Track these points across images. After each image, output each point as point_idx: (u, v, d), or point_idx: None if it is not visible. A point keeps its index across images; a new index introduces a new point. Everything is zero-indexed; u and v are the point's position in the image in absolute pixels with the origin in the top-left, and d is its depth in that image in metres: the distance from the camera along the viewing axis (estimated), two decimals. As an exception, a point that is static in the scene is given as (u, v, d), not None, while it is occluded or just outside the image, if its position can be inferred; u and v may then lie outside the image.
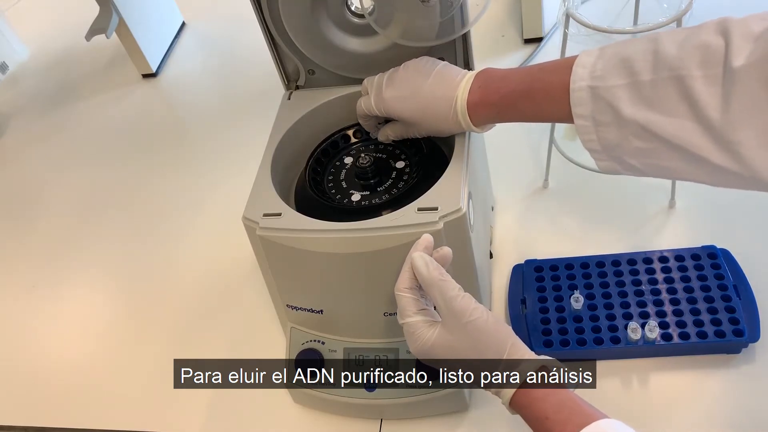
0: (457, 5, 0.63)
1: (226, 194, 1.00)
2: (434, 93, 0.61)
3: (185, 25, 1.42)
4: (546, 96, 0.55)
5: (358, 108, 0.66)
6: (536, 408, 0.49)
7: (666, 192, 0.82)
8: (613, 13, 0.89)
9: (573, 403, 0.49)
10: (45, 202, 1.10)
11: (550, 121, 0.73)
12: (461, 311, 0.51)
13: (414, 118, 0.62)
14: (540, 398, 0.50)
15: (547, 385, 0.50)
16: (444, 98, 0.60)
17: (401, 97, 0.62)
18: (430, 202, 0.58)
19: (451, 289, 0.52)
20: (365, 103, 0.65)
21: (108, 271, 0.95)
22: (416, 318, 0.53)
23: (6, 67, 1.44)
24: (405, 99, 0.62)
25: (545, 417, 0.49)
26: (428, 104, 0.61)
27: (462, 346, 0.52)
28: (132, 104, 1.25)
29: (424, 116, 0.61)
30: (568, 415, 0.48)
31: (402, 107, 0.62)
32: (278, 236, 0.59)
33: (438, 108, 0.60)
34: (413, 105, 0.61)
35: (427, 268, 0.53)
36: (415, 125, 0.63)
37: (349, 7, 0.68)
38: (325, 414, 0.71)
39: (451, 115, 0.60)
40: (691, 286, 0.70)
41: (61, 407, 0.80)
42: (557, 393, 0.50)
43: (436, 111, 0.61)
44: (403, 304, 0.54)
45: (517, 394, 0.50)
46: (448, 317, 0.52)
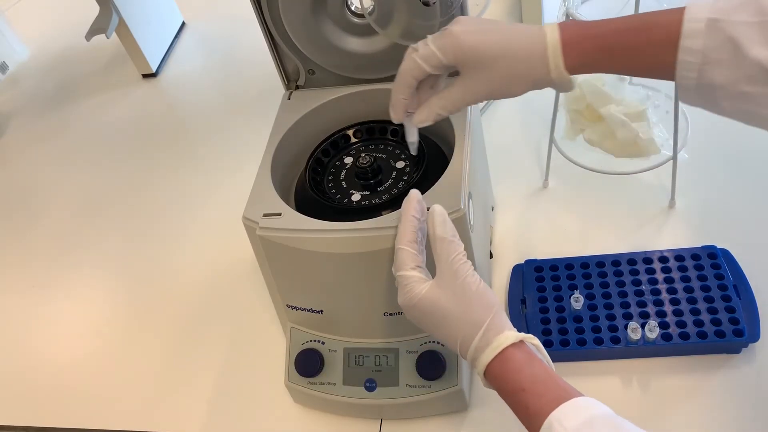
0: (457, 5, 0.63)
1: (226, 194, 1.00)
2: (517, 27, 0.53)
3: (185, 25, 1.42)
4: (654, 31, 0.48)
5: (405, 69, 0.55)
6: (512, 379, 0.49)
7: (666, 192, 0.82)
8: (612, 13, 0.89)
9: (550, 378, 0.48)
10: (45, 202, 1.10)
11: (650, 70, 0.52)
12: (459, 271, 0.51)
13: (492, 53, 0.52)
14: (516, 369, 0.49)
15: (524, 359, 0.50)
16: (530, 32, 0.52)
17: (476, 30, 0.53)
18: (430, 201, 0.58)
19: (458, 250, 0.52)
20: (423, 52, 0.53)
21: (108, 271, 0.95)
22: (412, 272, 0.53)
23: (6, 67, 1.44)
24: (481, 31, 0.53)
25: (521, 389, 0.48)
26: (512, 35, 0.52)
27: (448, 304, 0.51)
28: (132, 104, 1.25)
29: (504, 52, 0.52)
30: (544, 389, 0.48)
31: (477, 39, 0.52)
32: (278, 236, 0.59)
33: (523, 40, 0.52)
34: (492, 37, 0.52)
35: (444, 226, 0.53)
36: (488, 69, 0.52)
37: (349, 7, 0.68)
38: (325, 414, 0.71)
39: (538, 52, 0.51)
40: (691, 286, 0.70)
41: (61, 407, 0.80)
42: (534, 366, 0.49)
43: (520, 44, 0.52)
44: (402, 257, 0.54)
45: (493, 364, 0.50)
46: (444, 275, 0.52)
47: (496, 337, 0.50)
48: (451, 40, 0.52)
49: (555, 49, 0.51)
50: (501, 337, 0.50)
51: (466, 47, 0.52)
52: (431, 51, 0.53)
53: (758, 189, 0.80)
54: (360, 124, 0.70)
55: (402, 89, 0.55)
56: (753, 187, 0.80)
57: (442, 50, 0.53)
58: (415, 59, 0.54)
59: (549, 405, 0.46)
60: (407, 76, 0.55)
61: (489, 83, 0.53)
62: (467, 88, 0.54)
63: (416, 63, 0.54)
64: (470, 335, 0.51)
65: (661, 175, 0.83)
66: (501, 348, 0.50)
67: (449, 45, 0.53)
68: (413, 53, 0.54)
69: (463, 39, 0.52)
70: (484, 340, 0.50)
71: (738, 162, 0.84)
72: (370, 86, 0.71)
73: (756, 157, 0.84)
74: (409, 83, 0.55)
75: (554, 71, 0.51)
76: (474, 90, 0.54)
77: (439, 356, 0.63)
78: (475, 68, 0.53)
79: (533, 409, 0.47)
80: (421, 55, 0.53)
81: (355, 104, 0.72)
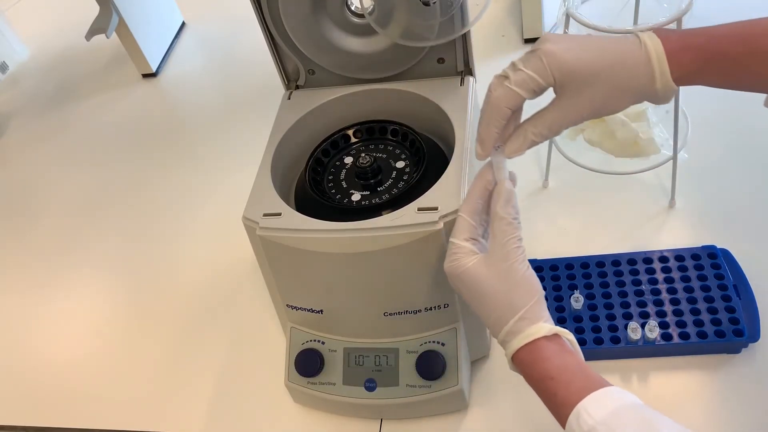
0: (457, 5, 0.63)
1: (226, 194, 1.00)
2: (610, 39, 0.50)
3: (185, 25, 1.42)
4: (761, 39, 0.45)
5: (497, 99, 0.50)
6: (541, 367, 0.49)
7: (666, 192, 0.82)
8: (613, 13, 0.89)
9: (579, 368, 0.48)
10: (45, 202, 1.10)
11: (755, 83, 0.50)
12: (510, 255, 0.51)
13: (595, 68, 0.48)
14: (545, 358, 0.49)
15: (554, 349, 0.49)
16: (625, 42, 0.49)
17: (571, 46, 0.49)
18: (430, 201, 0.58)
19: (515, 234, 0.52)
20: (518, 78, 0.49)
21: (108, 271, 0.95)
22: (464, 243, 0.53)
23: (6, 67, 1.44)
24: (577, 47, 0.49)
25: (550, 377, 0.48)
26: (609, 48, 0.49)
27: (491, 283, 0.51)
28: (132, 104, 1.25)
29: (606, 65, 0.48)
30: (572, 378, 0.47)
31: (577, 56, 0.48)
32: (278, 236, 0.59)
33: (622, 52, 0.49)
34: (591, 52, 0.49)
35: (507, 205, 0.52)
36: (592, 86, 0.49)
37: (349, 7, 0.68)
38: (325, 414, 0.71)
39: (642, 62, 0.48)
40: (691, 286, 0.70)
41: (61, 407, 0.80)
42: (564, 357, 0.49)
43: (620, 56, 0.48)
44: (458, 225, 0.54)
45: (523, 351, 0.50)
46: (495, 254, 0.52)
47: (530, 327, 0.50)
48: (549, 60, 0.49)
49: (660, 57, 0.48)
50: (534, 327, 0.50)
51: (567, 65, 0.49)
52: (528, 75, 0.49)
53: (758, 189, 0.80)
54: (360, 124, 0.70)
55: (495, 122, 0.51)
56: (753, 187, 0.80)
57: (540, 72, 0.49)
58: (509, 87, 0.50)
59: (577, 394, 0.46)
60: (501, 106, 0.50)
61: (592, 100, 0.49)
62: (568, 108, 0.50)
63: (511, 91, 0.50)
64: (505, 318, 0.51)
65: (661, 175, 0.83)
66: (533, 338, 0.49)
67: (549, 65, 0.49)
68: (505, 81, 0.50)
69: (562, 57, 0.49)
70: (517, 326, 0.50)
71: (738, 162, 0.84)
72: (370, 86, 0.71)
73: (756, 157, 0.84)
74: (503, 115, 0.51)
75: (660, 81, 0.48)
76: (576, 110, 0.50)
77: (439, 356, 0.63)
78: (577, 86, 0.49)
79: (561, 397, 0.47)
80: (517, 81, 0.49)
81: (355, 104, 0.72)
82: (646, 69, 0.48)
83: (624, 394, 0.46)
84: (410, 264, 0.59)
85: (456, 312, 0.63)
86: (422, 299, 0.62)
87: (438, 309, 0.63)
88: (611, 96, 0.49)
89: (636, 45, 0.49)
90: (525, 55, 0.50)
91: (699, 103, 0.83)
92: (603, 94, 0.49)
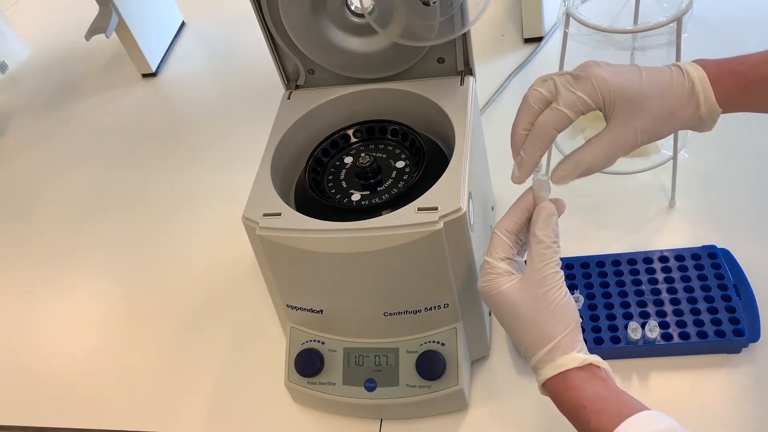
0: (457, 5, 0.62)
1: (226, 194, 1.00)
2: (649, 68, 0.50)
3: (185, 24, 1.42)
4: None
5: (546, 122, 0.50)
6: (572, 396, 0.48)
7: (666, 192, 0.82)
8: (613, 13, 0.89)
9: (612, 394, 0.47)
10: (45, 202, 1.10)
11: None
12: (546, 280, 0.50)
13: (644, 93, 0.49)
14: (576, 387, 0.48)
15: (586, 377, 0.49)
16: (666, 70, 0.50)
17: (616, 71, 0.50)
18: (430, 201, 0.58)
19: (553, 258, 0.51)
20: (567, 100, 0.49)
21: (108, 271, 0.95)
22: (499, 263, 0.52)
23: (6, 66, 1.44)
24: (622, 72, 0.50)
25: (582, 406, 0.47)
26: (652, 75, 0.50)
27: (525, 308, 0.50)
28: (132, 104, 1.25)
29: (654, 90, 0.49)
30: (604, 405, 0.47)
31: (624, 80, 0.49)
32: (278, 236, 0.59)
33: (666, 78, 0.50)
34: (636, 77, 0.49)
35: (547, 227, 0.51)
36: (642, 111, 0.49)
37: (349, 7, 0.68)
38: (325, 414, 0.71)
39: (687, 87, 0.49)
40: (692, 286, 0.70)
41: (61, 407, 0.80)
42: (596, 385, 0.48)
43: (665, 81, 0.49)
44: (495, 243, 0.53)
45: (554, 379, 0.49)
46: (531, 279, 0.51)
47: (562, 357, 0.49)
48: (599, 83, 0.49)
49: (703, 82, 0.49)
50: (566, 358, 0.49)
51: (617, 89, 0.49)
52: (578, 97, 0.49)
53: (758, 189, 0.80)
54: (360, 123, 0.70)
55: (541, 145, 0.51)
56: (753, 187, 0.80)
57: (591, 95, 0.49)
58: (558, 109, 0.50)
59: (610, 422, 0.45)
60: (549, 128, 0.50)
61: (643, 124, 0.49)
62: (622, 133, 0.50)
63: (560, 113, 0.50)
64: (537, 345, 0.50)
65: (661, 175, 0.83)
66: (564, 369, 0.49)
67: (599, 88, 0.49)
68: (558, 104, 0.50)
69: (612, 80, 0.49)
70: (548, 356, 0.50)
71: (738, 162, 0.84)
72: (370, 86, 0.71)
73: (756, 157, 0.84)
74: (551, 137, 0.51)
75: (704, 105, 0.49)
76: (627, 136, 0.50)
77: (439, 356, 0.63)
78: (627, 110, 0.49)
79: (594, 425, 0.46)
80: (566, 103, 0.49)
81: (355, 104, 0.72)
82: (691, 94, 0.49)
83: (660, 417, 0.45)
84: (410, 264, 0.59)
85: (456, 312, 0.63)
86: (422, 299, 0.62)
87: (438, 309, 0.63)
88: (661, 119, 0.50)
89: (678, 73, 0.50)
90: (570, 78, 0.50)
91: (699, 103, 0.83)
92: (654, 117, 0.49)
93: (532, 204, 0.54)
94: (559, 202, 0.54)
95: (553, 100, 0.51)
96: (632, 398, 0.48)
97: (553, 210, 0.53)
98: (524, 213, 0.54)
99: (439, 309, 0.63)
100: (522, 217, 0.54)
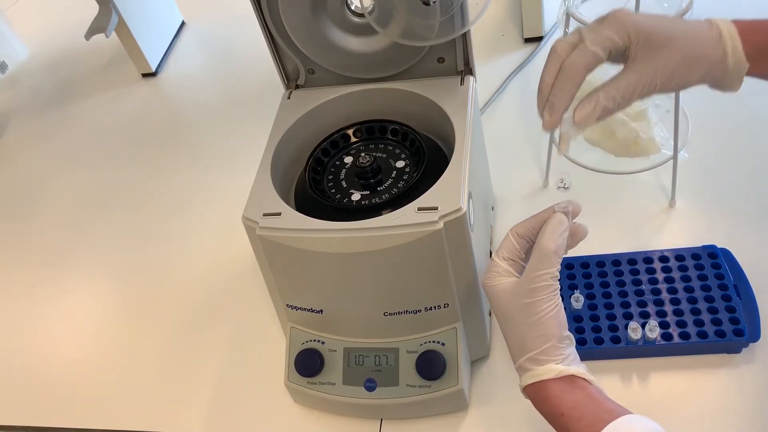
0: (457, 4, 0.62)
1: (226, 194, 1.00)
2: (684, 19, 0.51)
3: (185, 24, 1.42)
4: None
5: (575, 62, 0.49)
6: (550, 404, 0.49)
7: (666, 192, 0.82)
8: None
9: (591, 401, 0.48)
10: (45, 201, 1.10)
11: None
12: (537, 291, 0.50)
13: (669, 32, 0.48)
14: (554, 396, 0.49)
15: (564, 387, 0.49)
16: (699, 21, 0.50)
17: (646, 15, 0.50)
18: (430, 201, 0.58)
19: (549, 270, 0.50)
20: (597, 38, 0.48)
21: (108, 271, 0.95)
22: (502, 262, 0.53)
23: (5, 66, 1.44)
24: (654, 16, 0.50)
25: (560, 413, 0.48)
26: (684, 22, 0.50)
27: (512, 312, 0.51)
28: (131, 104, 1.25)
29: (681, 32, 0.48)
30: (583, 411, 0.47)
31: (651, 19, 0.49)
32: (278, 236, 0.59)
33: (693, 24, 0.49)
34: (667, 22, 0.49)
35: (552, 236, 0.51)
36: (666, 50, 0.48)
37: (349, 7, 0.68)
38: (325, 414, 0.71)
39: (714, 35, 0.49)
40: (692, 286, 0.70)
41: (61, 407, 0.80)
42: (574, 392, 0.49)
43: (693, 27, 0.49)
44: (503, 243, 0.54)
45: (532, 387, 0.50)
46: (522, 285, 0.51)
47: (539, 367, 0.50)
48: (625, 20, 0.48)
49: (732, 33, 0.48)
50: (543, 369, 0.50)
51: (644, 26, 0.48)
52: (605, 35, 0.48)
53: (758, 189, 0.80)
54: (360, 123, 0.70)
55: (570, 85, 0.49)
56: (753, 187, 0.80)
57: (618, 32, 0.48)
58: (586, 48, 0.49)
59: (590, 427, 0.46)
60: (578, 68, 0.49)
61: (665, 66, 0.48)
62: (641, 72, 0.49)
63: (589, 51, 0.49)
64: (516, 353, 0.51)
65: (661, 174, 0.83)
66: (540, 379, 0.49)
67: (626, 26, 0.48)
68: (586, 44, 0.49)
69: (637, 19, 0.48)
70: (526, 364, 0.50)
71: (738, 162, 0.84)
72: (370, 86, 0.71)
73: (756, 156, 0.84)
74: (580, 77, 0.49)
75: (732, 55, 0.48)
76: (649, 76, 0.49)
77: (439, 356, 0.63)
78: (651, 49, 0.48)
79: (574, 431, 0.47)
80: (594, 41, 0.48)
81: (355, 104, 0.72)
82: (718, 44, 0.48)
83: (642, 421, 0.45)
84: (410, 264, 0.59)
85: (456, 312, 0.63)
86: (422, 299, 0.62)
87: (438, 309, 0.63)
88: (683, 65, 0.48)
89: (707, 24, 0.49)
90: (595, 22, 0.50)
91: (699, 103, 0.83)
92: (676, 61, 0.48)
93: (547, 214, 0.54)
94: (575, 205, 0.54)
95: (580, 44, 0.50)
96: (615, 404, 0.48)
97: (563, 221, 0.53)
98: (540, 223, 0.54)
99: (439, 309, 0.63)
100: (536, 226, 0.54)
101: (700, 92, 0.56)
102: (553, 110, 0.51)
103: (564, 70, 0.50)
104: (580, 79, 0.49)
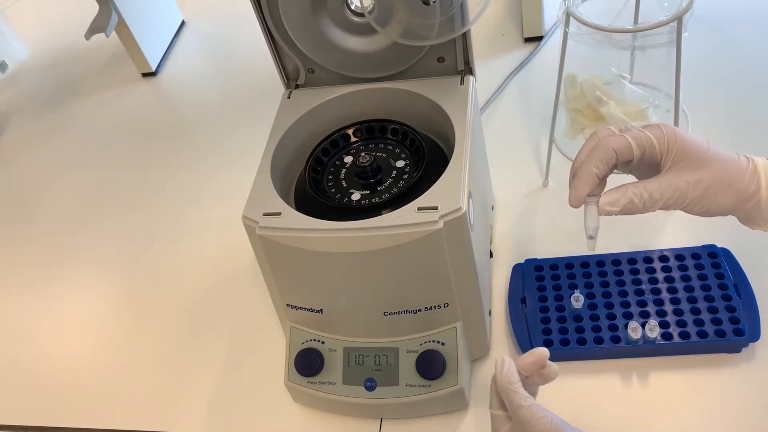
0: (457, 4, 0.62)
1: (226, 194, 1.00)
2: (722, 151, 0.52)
3: (185, 23, 1.42)
4: None
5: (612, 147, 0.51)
6: None
7: (666, 191, 0.81)
8: (613, 12, 0.89)
9: None
10: (44, 201, 1.10)
11: None
12: (526, 420, 0.50)
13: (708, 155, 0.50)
14: None
15: None
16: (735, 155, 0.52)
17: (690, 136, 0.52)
18: (430, 201, 0.58)
19: (518, 399, 0.51)
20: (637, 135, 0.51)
21: (108, 271, 0.95)
22: (497, 411, 0.53)
23: (5, 65, 1.44)
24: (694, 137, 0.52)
25: None
26: (722, 150, 0.51)
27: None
28: (131, 103, 1.25)
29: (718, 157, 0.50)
30: None
31: (692, 139, 0.51)
32: (278, 236, 0.59)
33: (735, 158, 0.51)
34: (704, 143, 0.51)
35: (501, 373, 0.52)
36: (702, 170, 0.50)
37: (349, 6, 0.68)
38: (325, 413, 0.71)
39: (750, 167, 0.51)
40: (692, 286, 0.70)
41: (61, 407, 0.80)
42: None
43: (733, 159, 0.51)
44: (490, 397, 0.54)
45: None
46: (515, 423, 0.52)
47: None
48: (668, 131, 0.51)
49: (767, 169, 0.50)
50: None
51: (685, 140, 0.50)
52: (646, 136, 0.51)
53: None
54: (360, 123, 0.70)
55: (601, 164, 0.52)
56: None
57: (657, 137, 0.51)
58: (629, 140, 0.51)
59: None
60: (610, 149, 0.51)
61: (698, 184, 0.50)
62: (674, 182, 0.50)
63: (625, 140, 0.51)
64: None
65: (661, 174, 0.83)
66: None
67: (667, 136, 0.51)
68: (627, 134, 0.51)
69: (680, 134, 0.51)
70: None
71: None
72: (370, 85, 0.71)
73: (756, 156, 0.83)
74: (611, 159, 0.51)
75: (766, 190, 0.50)
76: (680, 187, 0.50)
77: (439, 356, 0.63)
78: (687, 166, 0.50)
79: None
80: (633, 135, 0.51)
81: (355, 103, 0.72)
82: (753, 177, 0.50)
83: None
84: (410, 263, 0.59)
85: (456, 312, 0.63)
86: (422, 299, 0.62)
87: (438, 309, 0.63)
88: (716, 187, 0.50)
89: (744, 157, 0.51)
90: (643, 125, 0.52)
91: (699, 103, 0.83)
92: (709, 182, 0.50)
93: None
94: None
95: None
96: None
97: (504, 360, 0.52)
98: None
99: (438, 308, 0.63)
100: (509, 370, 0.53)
101: (700, 92, 0.56)
102: (579, 188, 0.53)
103: (600, 151, 0.52)
104: (611, 160, 0.51)
